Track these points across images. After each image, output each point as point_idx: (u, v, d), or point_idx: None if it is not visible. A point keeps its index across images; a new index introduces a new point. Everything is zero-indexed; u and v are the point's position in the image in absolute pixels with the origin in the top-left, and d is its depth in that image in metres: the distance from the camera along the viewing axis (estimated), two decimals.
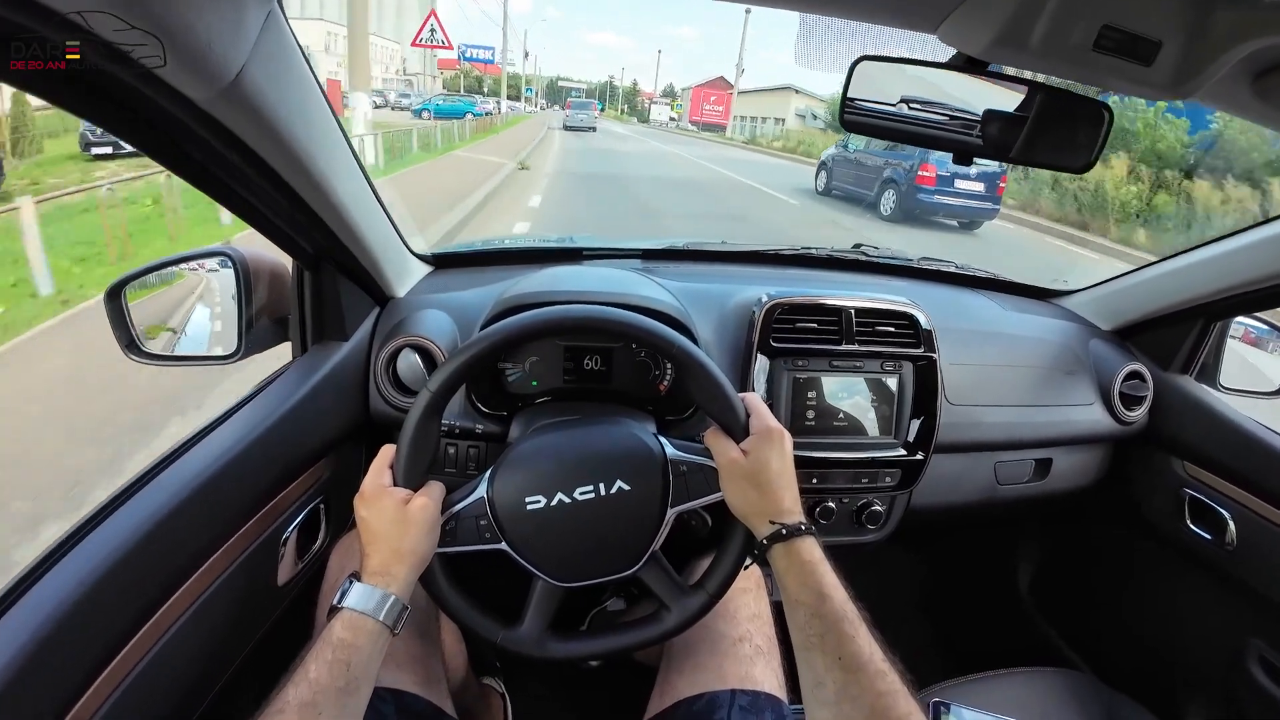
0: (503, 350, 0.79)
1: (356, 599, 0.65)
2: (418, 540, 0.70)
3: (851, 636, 0.61)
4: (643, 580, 0.79)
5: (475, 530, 0.75)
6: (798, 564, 0.66)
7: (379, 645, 0.65)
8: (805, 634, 0.63)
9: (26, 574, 0.60)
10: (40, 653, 0.54)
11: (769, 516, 0.70)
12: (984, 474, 1.26)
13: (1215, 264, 1.16)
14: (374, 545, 0.69)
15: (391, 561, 0.68)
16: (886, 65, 0.72)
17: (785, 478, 0.72)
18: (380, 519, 0.69)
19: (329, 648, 0.62)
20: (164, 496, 0.70)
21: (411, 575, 0.70)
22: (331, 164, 0.76)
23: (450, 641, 1.01)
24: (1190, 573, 1.29)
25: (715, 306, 1.15)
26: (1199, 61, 0.57)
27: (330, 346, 0.99)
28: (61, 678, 0.57)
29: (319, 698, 0.58)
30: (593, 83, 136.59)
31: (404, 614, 0.68)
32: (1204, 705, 1.25)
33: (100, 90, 0.51)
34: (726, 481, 0.73)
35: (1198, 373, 1.32)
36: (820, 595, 0.64)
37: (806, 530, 0.69)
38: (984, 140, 0.78)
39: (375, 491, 0.71)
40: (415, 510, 0.70)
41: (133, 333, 0.91)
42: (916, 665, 0.67)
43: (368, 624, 0.65)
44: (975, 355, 1.23)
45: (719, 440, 0.74)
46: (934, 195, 9.30)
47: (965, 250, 8.57)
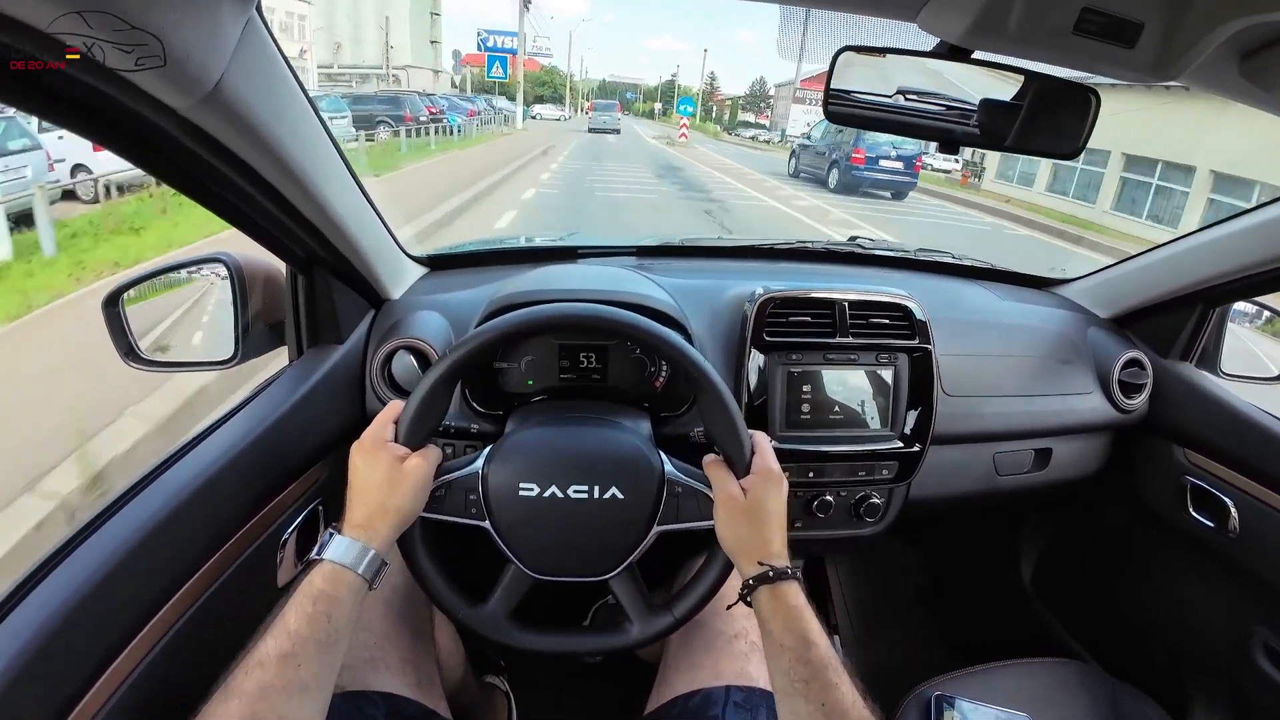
0: (529, 335, 0.80)
1: (337, 551, 0.65)
2: (405, 498, 0.70)
3: (835, 684, 0.61)
4: (612, 589, 0.80)
5: (463, 503, 0.76)
6: (784, 608, 0.67)
7: (358, 599, 0.65)
8: (789, 679, 0.63)
9: (27, 577, 0.60)
10: (41, 654, 0.55)
11: (758, 557, 0.70)
12: (983, 465, 1.26)
13: (1214, 249, 1.15)
14: (361, 497, 0.69)
15: (376, 517, 0.68)
16: (870, 56, 0.72)
17: (777, 520, 0.72)
18: (374, 470, 0.70)
19: (309, 599, 0.62)
20: (163, 499, 0.70)
21: (393, 534, 0.70)
22: (319, 169, 0.76)
23: (446, 643, 1.01)
24: (1193, 560, 1.28)
25: (709, 302, 1.15)
26: (1183, 43, 0.57)
27: (326, 350, 1.00)
28: (62, 679, 0.57)
29: (299, 649, 0.58)
30: (648, 84, 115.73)
31: (382, 570, 0.68)
32: (1209, 693, 1.24)
33: (80, 101, 0.52)
34: (721, 514, 0.74)
35: (1198, 359, 1.31)
36: (805, 641, 0.64)
37: (792, 575, 0.69)
38: (980, 129, 0.78)
39: (375, 443, 0.71)
40: (409, 469, 0.70)
41: (131, 340, 0.92)
42: (919, 658, 0.67)
43: (347, 576, 0.64)
44: (972, 346, 1.22)
45: (719, 472, 0.75)
46: (864, 171, 12.67)
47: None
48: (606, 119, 30.52)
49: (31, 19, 0.42)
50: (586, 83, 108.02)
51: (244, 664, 0.57)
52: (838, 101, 0.74)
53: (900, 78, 0.77)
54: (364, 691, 0.76)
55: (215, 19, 0.53)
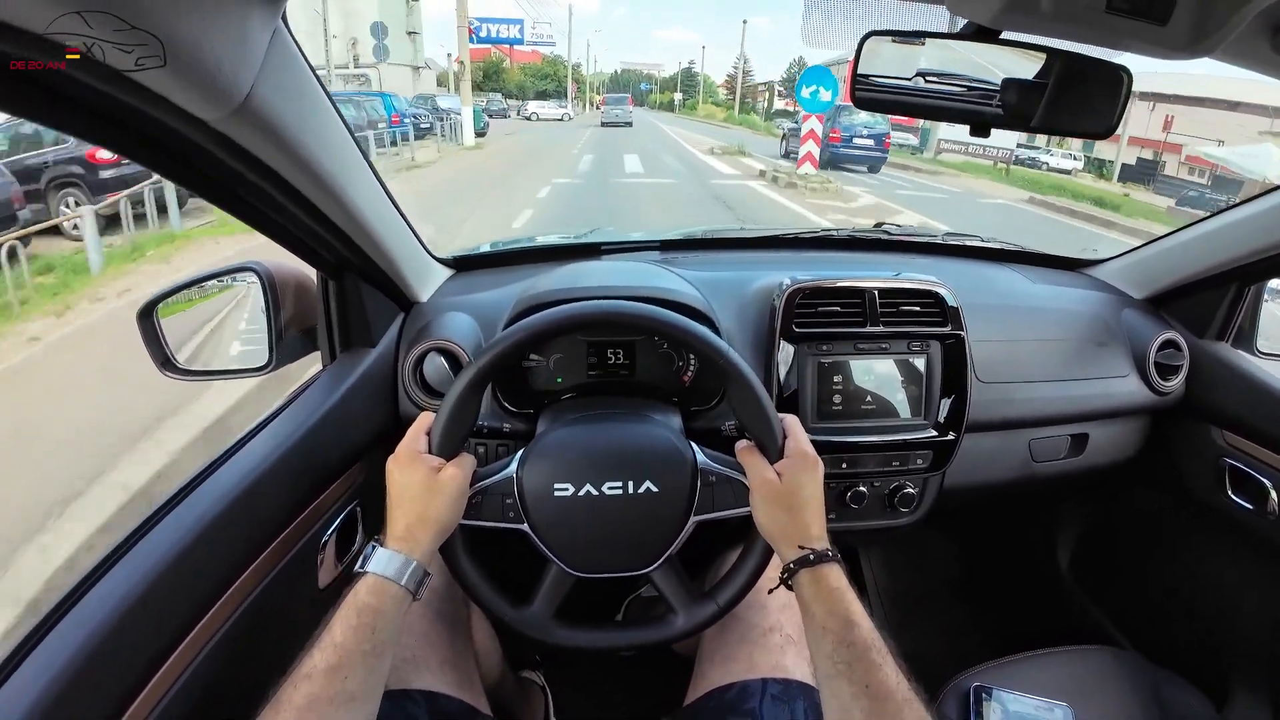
0: (555, 336, 0.80)
1: (380, 564, 0.66)
2: (443, 508, 0.71)
3: (879, 665, 0.61)
4: (655, 582, 0.80)
5: (500, 508, 0.77)
6: (825, 591, 0.66)
7: (401, 609, 0.66)
8: (832, 661, 0.63)
9: (76, 586, 0.62)
10: (92, 660, 0.56)
11: (797, 541, 0.70)
12: (1019, 452, 1.24)
13: (1248, 225, 1.13)
14: (400, 509, 0.70)
15: (416, 528, 0.69)
16: (897, 40, 0.71)
17: (815, 504, 0.72)
18: (410, 482, 0.70)
19: (354, 611, 0.63)
20: (209, 503, 0.72)
21: (434, 543, 0.71)
22: (348, 175, 0.77)
23: (484, 639, 1.02)
24: (1234, 544, 1.26)
25: (735, 294, 1.15)
26: (1215, 17, 0.55)
27: (358, 354, 1.01)
28: (114, 684, 0.59)
29: (345, 661, 0.59)
30: (663, 74, 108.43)
31: (425, 580, 0.69)
32: (1251, 679, 1.21)
33: (114, 117, 0.53)
34: (758, 501, 0.73)
35: (1233, 338, 1.28)
36: (848, 623, 0.64)
37: (833, 557, 0.69)
38: (1004, 109, 0.77)
39: (409, 455, 0.72)
40: (445, 479, 0.71)
41: (167, 351, 0.94)
42: (955, 648, 0.67)
43: (391, 589, 0.65)
44: (1004, 331, 1.21)
45: (753, 458, 0.75)
46: (841, 148, 14.78)
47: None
48: (619, 113, 32.81)
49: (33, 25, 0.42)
50: (598, 76, 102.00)
51: (292, 677, 0.58)
52: (864, 87, 0.73)
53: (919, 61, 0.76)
54: (406, 690, 0.77)
55: (244, 31, 0.53)
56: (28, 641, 0.57)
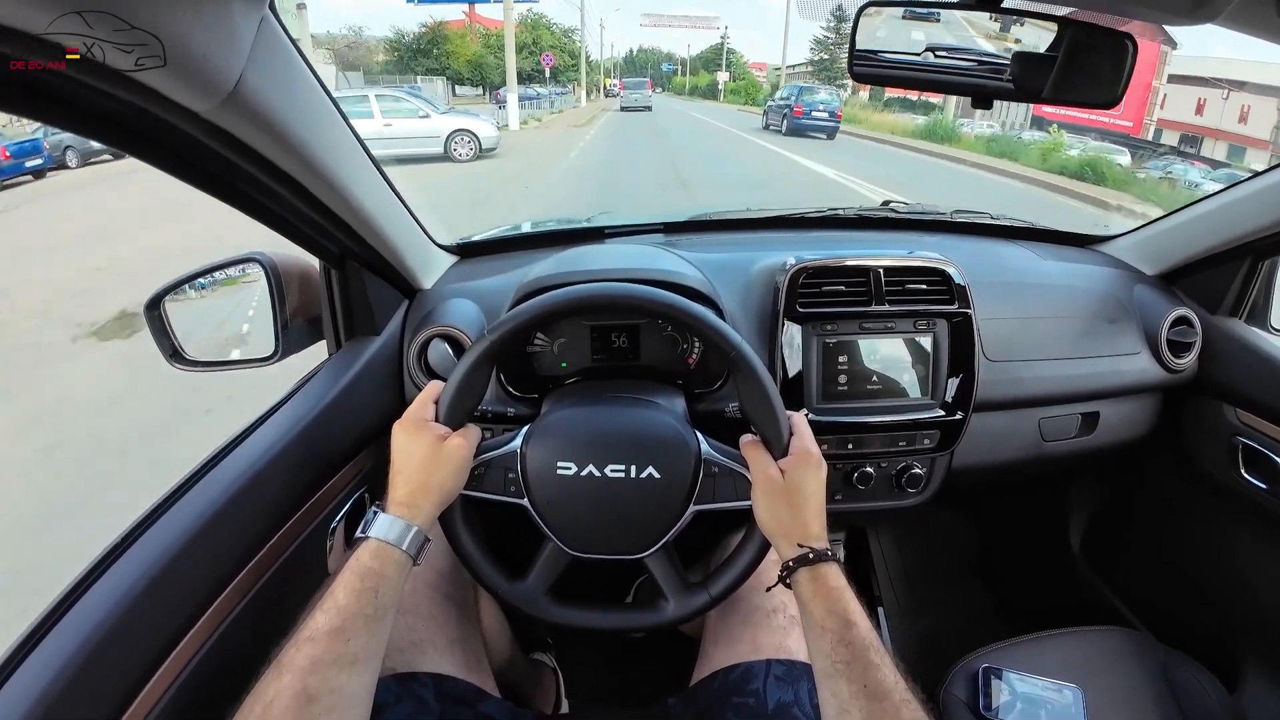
0: (560, 317, 0.81)
1: (381, 529, 0.67)
2: (446, 477, 0.71)
3: (877, 665, 0.61)
4: (649, 568, 0.80)
5: (502, 481, 0.77)
6: (824, 590, 0.66)
7: (403, 574, 0.67)
8: (830, 660, 0.63)
9: (84, 575, 0.63)
10: (101, 649, 0.57)
11: (797, 539, 0.70)
12: (1028, 431, 1.23)
13: (1262, 199, 1.10)
14: (403, 474, 0.71)
15: (418, 494, 0.70)
16: (896, 12, 0.70)
17: (816, 503, 0.72)
18: (416, 448, 0.71)
19: (356, 576, 0.64)
20: (218, 491, 0.73)
21: (435, 510, 0.71)
22: (344, 163, 0.77)
23: (492, 621, 1.03)
24: (1246, 523, 1.24)
25: (739, 275, 1.14)
26: None
27: (363, 342, 1.01)
28: (123, 671, 0.60)
29: (348, 624, 0.60)
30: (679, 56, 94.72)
31: (426, 546, 0.69)
32: (1262, 660, 1.20)
33: (103, 111, 0.53)
34: (759, 496, 0.73)
35: (1248, 314, 1.26)
36: (846, 622, 0.64)
37: (832, 557, 0.69)
38: (1014, 83, 0.75)
39: (416, 422, 0.73)
40: (450, 448, 0.71)
41: (175, 342, 0.94)
42: (965, 628, 0.66)
43: (393, 553, 0.66)
44: (1013, 308, 1.19)
45: (757, 452, 0.75)
46: (801, 120, 17.92)
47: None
48: (638, 97, 31.96)
49: (30, 26, 0.42)
50: (612, 59, 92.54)
51: (295, 639, 0.59)
52: (863, 62, 0.72)
53: (929, 35, 0.74)
54: (413, 673, 0.78)
55: (229, 20, 0.53)
56: (39, 628, 0.58)
